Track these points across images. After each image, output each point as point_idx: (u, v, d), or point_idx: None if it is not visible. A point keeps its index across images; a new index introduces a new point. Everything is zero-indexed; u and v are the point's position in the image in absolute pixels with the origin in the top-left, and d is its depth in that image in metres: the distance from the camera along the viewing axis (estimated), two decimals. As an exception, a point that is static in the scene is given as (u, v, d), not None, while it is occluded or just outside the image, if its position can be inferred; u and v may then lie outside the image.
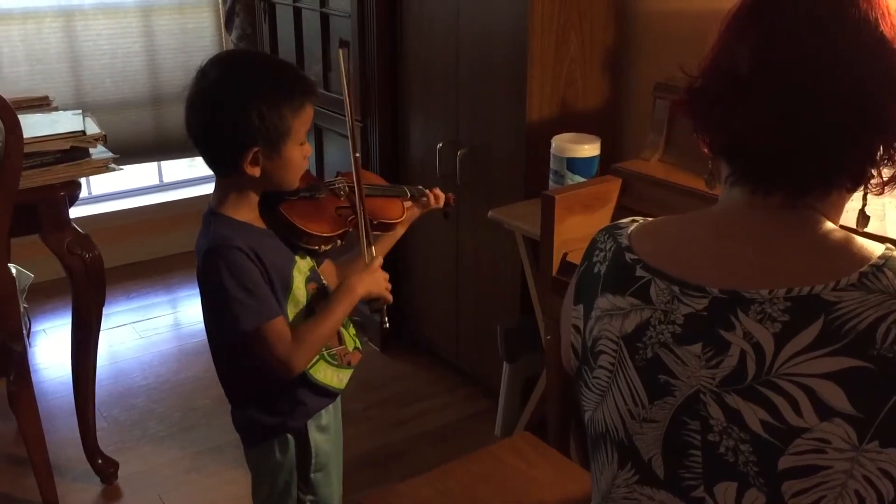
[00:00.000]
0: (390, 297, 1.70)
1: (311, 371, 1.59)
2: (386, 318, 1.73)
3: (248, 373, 1.59)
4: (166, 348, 3.39)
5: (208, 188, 4.24)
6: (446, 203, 1.90)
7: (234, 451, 2.71)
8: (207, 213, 1.56)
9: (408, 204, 1.83)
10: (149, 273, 3.99)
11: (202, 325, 3.63)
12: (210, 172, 1.60)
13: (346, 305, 1.60)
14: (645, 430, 1.00)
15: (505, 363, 2.70)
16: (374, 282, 1.66)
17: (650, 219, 1.14)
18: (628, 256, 1.05)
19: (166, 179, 4.33)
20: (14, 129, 2.04)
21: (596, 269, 1.10)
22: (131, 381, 3.13)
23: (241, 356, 1.56)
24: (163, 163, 4.27)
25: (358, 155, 1.72)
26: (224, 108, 1.45)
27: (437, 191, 1.89)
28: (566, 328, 1.16)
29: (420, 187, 1.88)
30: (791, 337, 0.89)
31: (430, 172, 2.93)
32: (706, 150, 1.07)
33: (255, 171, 1.49)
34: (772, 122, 0.95)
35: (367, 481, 2.51)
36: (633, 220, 1.14)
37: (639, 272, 1.03)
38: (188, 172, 4.37)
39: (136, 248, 4.05)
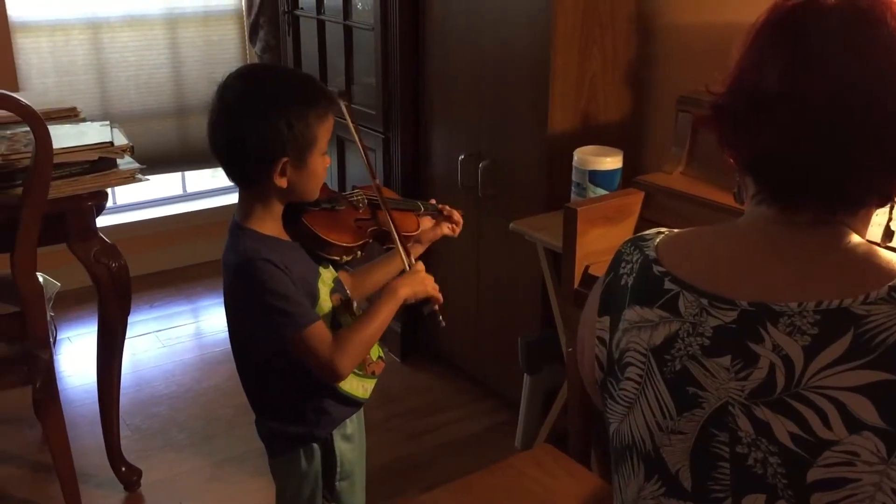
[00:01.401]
0: (440, 296, 1.70)
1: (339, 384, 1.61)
2: (441, 318, 1.71)
3: (275, 383, 1.60)
4: (188, 357, 3.42)
5: (231, 198, 4.27)
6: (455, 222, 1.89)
7: (255, 460, 2.72)
8: (234, 226, 1.57)
9: (424, 220, 1.84)
10: (172, 282, 4.03)
11: (224, 335, 3.67)
12: (233, 183, 1.61)
13: (390, 308, 1.60)
14: (673, 442, 1.00)
15: (525, 375, 2.70)
16: (419, 282, 1.66)
17: (675, 230, 1.14)
18: (656, 269, 1.05)
19: (190, 189, 4.36)
20: (44, 139, 2.07)
21: (623, 281, 1.10)
22: (154, 390, 3.16)
23: (270, 367, 1.58)
24: (186, 173, 4.30)
25: (378, 182, 1.76)
26: (252, 120, 1.47)
27: (453, 212, 1.88)
28: (589, 340, 1.16)
29: (433, 202, 1.89)
30: (820, 350, 0.89)
31: (451, 184, 2.94)
32: (732, 164, 1.07)
33: (283, 182, 1.51)
34: (801, 143, 0.95)
35: (388, 491, 2.52)
36: (659, 232, 1.14)
37: (667, 285, 1.03)
38: (211, 183, 4.41)
39: (160, 258, 4.09)
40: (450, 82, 2.91)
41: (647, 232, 1.15)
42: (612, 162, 2.28)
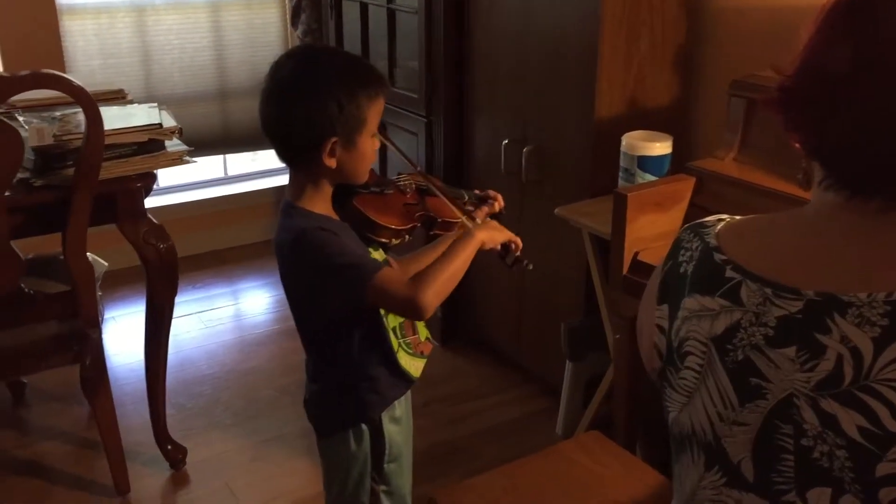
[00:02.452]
0: (517, 238, 1.67)
1: (397, 356, 1.62)
2: (527, 262, 1.68)
3: (340, 357, 1.61)
4: (229, 338, 3.45)
5: (272, 181, 4.30)
6: (500, 209, 1.88)
7: (297, 441, 2.75)
8: (285, 206, 1.58)
9: (469, 207, 1.83)
10: (212, 264, 4.06)
11: (264, 318, 3.72)
12: (274, 166, 1.62)
13: (468, 251, 1.56)
14: (735, 432, 0.99)
15: (568, 362, 2.69)
16: (495, 227, 1.64)
17: (737, 217, 1.12)
18: (717, 257, 1.04)
19: (231, 172, 4.39)
20: (96, 121, 2.09)
21: (682, 269, 1.08)
22: (197, 370, 3.19)
23: (335, 338, 1.59)
24: (228, 156, 4.33)
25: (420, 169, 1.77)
26: (303, 99, 1.47)
27: (498, 196, 1.87)
28: (648, 328, 1.14)
29: (477, 192, 1.88)
30: (890, 342, 0.87)
31: (494, 170, 2.93)
32: (799, 148, 1.05)
33: (332, 163, 1.51)
34: (874, 126, 0.93)
35: (428, 475, 2.52)
36: (720, 219, 1.13)
37: (729, 273, 1.01)
38: (252, 166, 4.44)
39: (201, 240, 4.12)
40: (494, 66, 2.89)
41: (707, 219, 1.13)
42: (661, 147, 2.26)
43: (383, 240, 1.66)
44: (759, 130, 2.02)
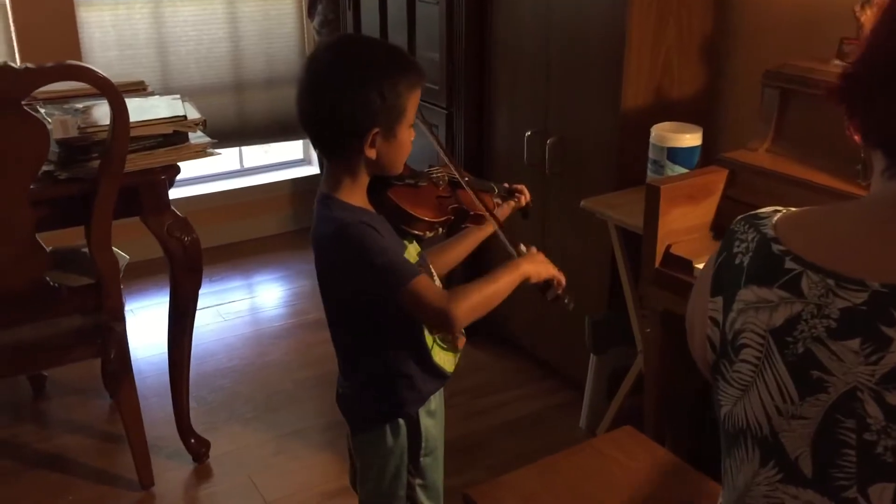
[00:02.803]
0: (562, 276, 1.66)
1: (431, 352, 1.61)
2: (568, 300, 1.67)
3: (372, 354, 1.60)
4: (248, 331, 3.44)
5: (288, 173, 4.28)
6: (527, 203, 1.87)
7: (318, 434, 2.74)
8: (322, 198, 1.56)
9: (497, 200, 1.82)
10: (228, 257, 4.05)
11: (282, 310, 3.70)
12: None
13: (509, 279, 1.56)
14: (793, 427, 0.97)
15: (592, 355, 2.67)
16: (541, 262, 1.63)
17: (793, 209, 1.10)
18: (775, 247, 1.02)
19: (247, 165, 4.37)
20: (121, 113, 2.07)
21: (737, 261, 1.06)
22: (217, 363, 3.18)
23: (369, 336, 1.58)
24: (243, 148, 4.31)
25: (455, 162, 1.74)
26: (346, 90, 1.45)
27: (524, 189, 1.86)
28: (701, 320, 1.13)
29: (505, 185, 1.86)
30: None
31: (516, 161, 2.90)
32: (859, 140, 1.03)
33: (373, 153, 1.49)
34: None
35: (452, 469, 2.47)
36: (776, 210, 1.11)
37: (788, 264, 0.99)
38: (268, 158, 4.42)
39: (217, 232, 4.10)
40: (516, 56, 2.86)
41: (761, 210, 1.11)
42: (691, 139, 2.23)
43: (417, 232, 1.65)
44: (793, 121, 2.00)
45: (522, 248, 1.67)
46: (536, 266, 1.62)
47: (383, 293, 1.49)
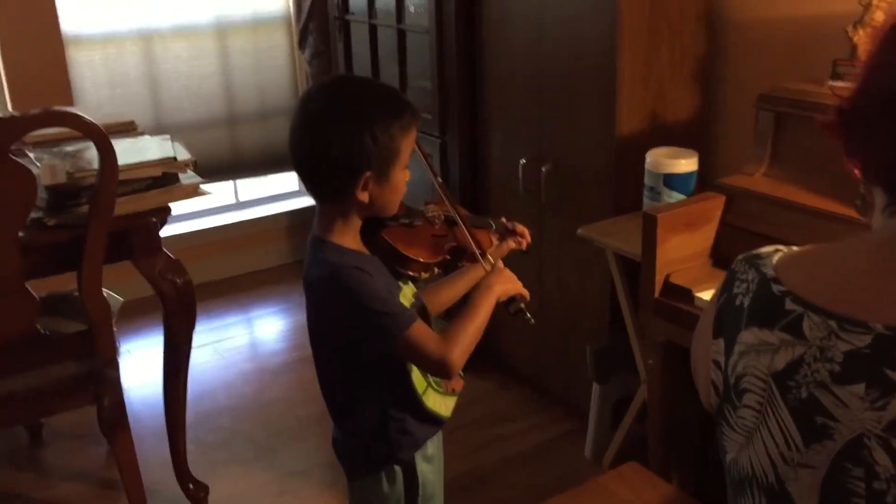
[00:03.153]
0: (527, 292, 1.65)
1: (423, 398, 1.57)
2: (529, 315, 1.64)
3: (362, 402, 1.57)
4: (246, 368, 3.40)
5: (284, 206, 4.26)
6: (527, 245, 1.84)
7: (321, 473, 2.70)
8: (314, 241, 1.53)
9: (494, 237, 1.78)
10: (226, 292, 4.02)
11: (281, 345, 3.66)
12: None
13: (488, 303, 1.56)
14: (800, 475, 0.94)
15: (595, 384, 2.63)
16: (508, 278, 1.62)
17: (794, 247, 1.07)
18: (776, 288, 0.99)
19: (242, 198, 4.35)
20: (109, 157, 2.05)
21: (738, 302, 1.04)
22: (215, 402, 3.14)
23: (358, 384, 1.55)
24: (238, 182, 4.29)
25: (440, 181, 1.71)
26: (337, 132, 1.43)
27: (524, 230, 1.83)
28: (704, 363, 1.10)
29: (503, 220, 1.83)
30: None
31: (512, 189, 2.88)
32: (858, 175, 1.00)
33: (365, 197, 1.47)
34: None
35: (459, 506, 2.47)
36: (776, 249, 1.08)
37: (789, 305, 0.96)
38: (263, 191, 4.40)
39: (213, 267, 4.08)
40: (509, 83, 2.84)
41: (762, 249, 1.08)
42: (687, 164, 2.21)
43: (413, 273, 1.62)
44: (789, 144, 1.97)
45: (490, 259, 1.66)
46: (505, 285, 1.61)
47: (377, 340, 1.46)
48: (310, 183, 1.51)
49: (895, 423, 0.85)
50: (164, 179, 2.27)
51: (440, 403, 1.62)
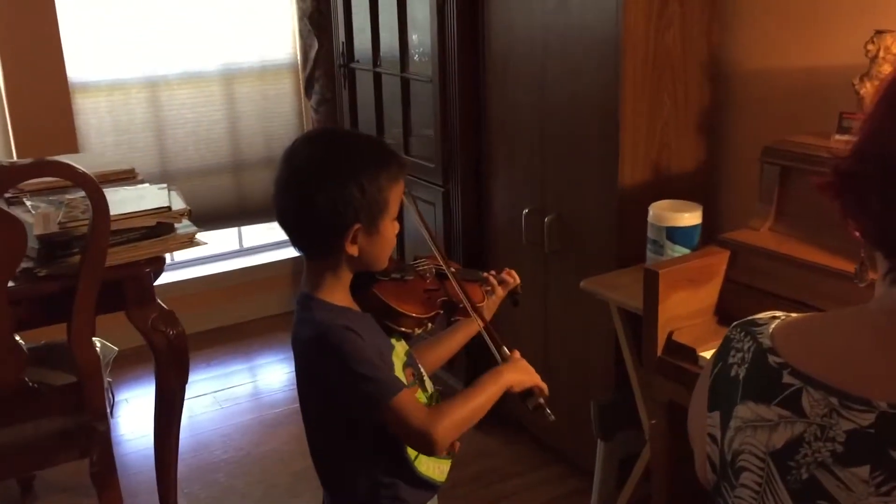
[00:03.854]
0: (545, 385, 1.57)
1: (415, 463, 1.51)
2: (549, 411, 1.57)
3: (352, 467, 1.51)
4: (246, 419, 3.33)
5: (288, 252, 4.22)
6: (514, 290, 1.78)
7: (316, 531, 2.62)
8: (303, 298, 1.48)
9: (486, 289, 1.74)
10: (228, 339, 3.97)
11: (282, 395, 3.60)
12: (301, 252, 1.52)
13: (493, 390, 1.50)
14: (802, 564, 0.87)
15: (599, 441, 2.55)
16: (523, 370, 1.55)
17: (793, 314, 1.02)
18: (772, 359, 0.94)
19: (246, 244, 4.32)
20: (101, 206, 2.02)
21: (733, 372, 0.98)
22: (212, 455, 3.07)
23: (348, 449, 1.49)
24: (242, 228, 4.27)
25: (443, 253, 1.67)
26: (323, 185, 1.39)
27: (512, 272, 1.78)
28: (700, 437, 1.04)
29: (493, 272, 1.79)
30: None
31: (515, 240, 2.83)
32: (859, 238, 0.95)
33: (355, 250, 1.43)
34: None
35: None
36: (774, 317, 1.02)
37: (787, 378, 0.91)
38: (268, 237, 4.37)
39: (216, 314, 4.04)
40: (512, 133, 2.81)
41: (759, 316, 1.03)
42: (691, 217, 2.15)
43: (405, 329, 1.58)
44: (795, 199, 1.91)
45: (506, 350, 1.59)
46: (519, 375, 1.54)
47: (362, 407, 1.41)
48: (297, 238, 1.47)
49: (904, 511, 0.80)
50: (158, 229, 2.24)
51: (434, 468, 1.56)
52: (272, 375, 3.71)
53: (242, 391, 3.56)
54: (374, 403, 1.38)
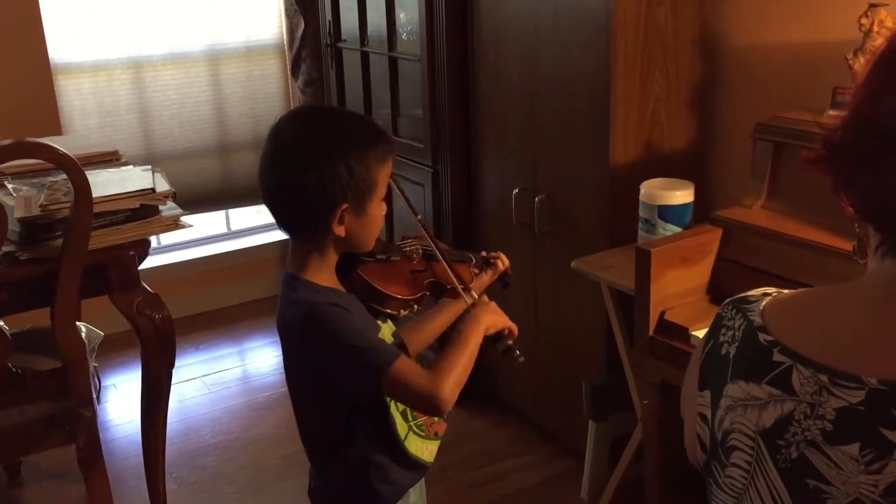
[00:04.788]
0: (515, 326, 1.57)
1: (405, 443, 1.49)
2: (518, 353, 1.57)
3: (342, 449, 1.49)
4: (235, 403, 3.31)
5: (276, 235, 4.19)
6: (504, 272, 1.76)
7: (307, 515, 2.60)
8: (288, 279, 1.45)
9: (475, 270, 1.71)
10: (217, 323, 3.94)
11: (271, 379, 3.57)
12: (287, 234, 1.49)
13: (476, 336, 1.48)
14: (792, 543, 0.86)
15: (591, 422, 2.54)
16: (495, 311, 1.56)
17: (784, 291, 1.00)
18: (763, 337, 0.92)
19: (234, 227, 4.28)
20: (83, 190, 1.98)
21: (724, 351, 0.97)
22: (201, 440, 3.05)
23: (338, 430, 1.47)
24: (230, 211, 4.23)
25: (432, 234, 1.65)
26: (310, 164, 1.36)
27: (501, 255, 1.77)
28: (690, 416, 1.02)
29: (483, 254, 1.77)
30: None
31: (505, 220, 2.80)
32: (850, 212, 0.92)
33: (342, 231, 1.40)
34: None
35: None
36: (765, 293, 1.00)
37: (777, 356, 0.90)
38: (256, 220, 4.33)
39: (204, 298, 4.01)
40: (502, 112, 2.78)
41: (750, 293, 1.01)
42: (683, 196, 2.13)
43: (392, 311, 1.55)
44: (788, 176, 1.89)
45: (474, 294, 1.60)
46: (492, 316, 1.54)
47: (360, 379, 1.38)
48: (282, 218, 1.44)
49: (893, 488, 0.78)
50: (142, 211, 2.20)
51: (422, 448, 1.54)
52: (261, 359, 3.68)
53: (231, 375, 3.54)
54: (373, 373, 1.35)
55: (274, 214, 1.45)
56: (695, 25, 2.43)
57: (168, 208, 2.29)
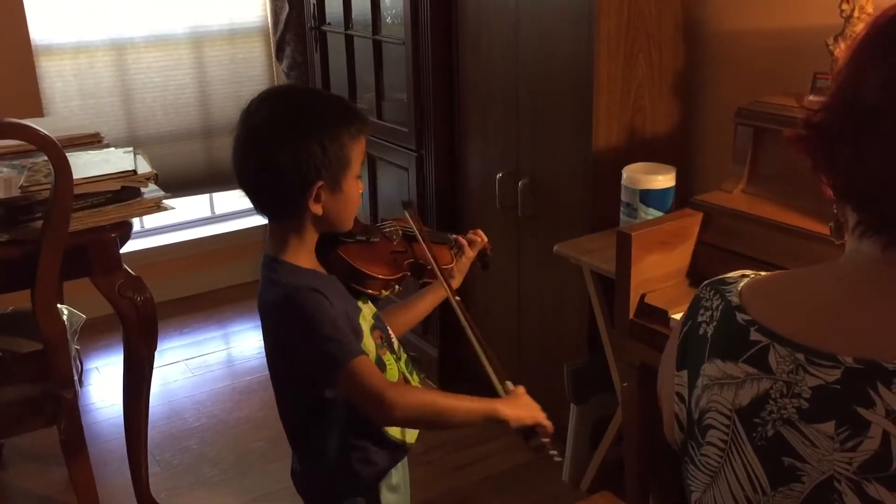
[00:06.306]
0: (549, 423, 1.46)
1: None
2: (554, 452, 1.47)
3: (321, 430, 1.49)
4: (219, 386, 3.31)
5: (260, 219, 4.16)
6: (483, 250, 1.76)
7: (291, 497, 2.55)
8: (268, 261, 1.46)
9: (455, 251, 1.72)
10: (201, 307, 3.93)
11: (255, 362, 3.57)
12: (263, 215, 1.49)
13: (477, 411, 1.43)
14: (767, 520, 0.87)
15: (572, 405, 2.56)
16: (524, 405, 1.45)
17: (762, 273, 1.01)
18: (740, 317, 0.93)
19: (218, 211, 4.27)
20: (63, 171, 1.97)
21: (701, 331, 0.98)
22: (184, 422, 3.05)
23: (316, 411, 1.48)
24: (214, 195, 4.21)
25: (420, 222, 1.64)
26: (283, 143, 1.36)
27: (479, 232, 1.76)
28: (668, 395, 1.03)
29: (455, 237, 1.76)
30: None
31: (489, 204, 2.81)
32: (829, 193, 0.94)
33: (318, 209, 1.40)
34: None
35: (431, 532, 2.39)
36: (743, 275, 1.01)
37: (754, 335, 0.90)
38: (240, 204, 4.31)
39: (189, 282, 4.00)
40: (486, 96, 2.78)
41: (729, 274, 1.02)
42: (664, 180, 2.14)
43: (372, 291, 1.56)
44: (769, 160, 1.90)
45: (510, 385, 1.51)
46: (518, 411, 1.44)
47: (320, 368, 1.39)
48: (259, 199, 1.44)
49: (867, 466, 0.79)
50: (124, 193, 2.19)
51: (400, 429, 1.55)
52: (245, 343, 3.68)
53: (215, 358, 3.54)
54: (333, 364, 1.36)
55: (250, 196, 1.45)
56: (678, 10, 2.43)
57: (150, 191, 2.28)
